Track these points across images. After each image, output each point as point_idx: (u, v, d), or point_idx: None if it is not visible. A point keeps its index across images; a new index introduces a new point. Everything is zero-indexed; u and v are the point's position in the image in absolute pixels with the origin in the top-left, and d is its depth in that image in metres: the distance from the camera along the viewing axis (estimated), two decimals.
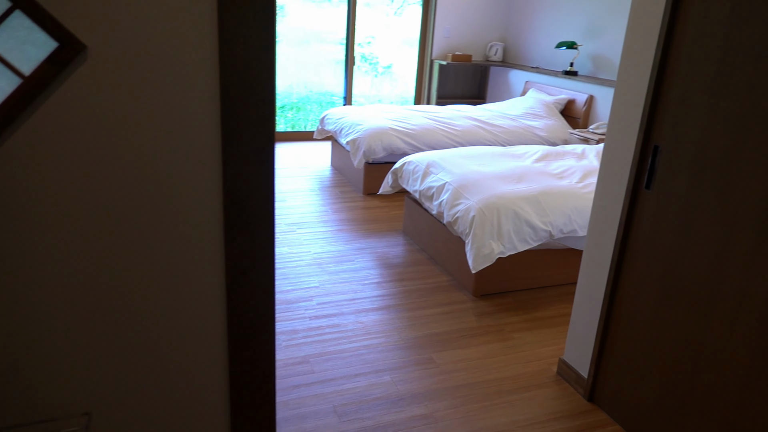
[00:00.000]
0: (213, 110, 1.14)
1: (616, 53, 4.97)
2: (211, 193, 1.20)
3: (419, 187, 3.36)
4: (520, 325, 2.77)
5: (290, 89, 7.08)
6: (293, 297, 2.91)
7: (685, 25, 1.75)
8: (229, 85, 1.12)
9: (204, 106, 1.13)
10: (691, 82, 1.73)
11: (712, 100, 1.67)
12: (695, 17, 1.71)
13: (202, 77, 1.12)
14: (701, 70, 1.70)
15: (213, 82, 1.13)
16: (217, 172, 1.18)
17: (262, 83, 1.16)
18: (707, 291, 1.71)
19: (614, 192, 2.06)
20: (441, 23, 6.37)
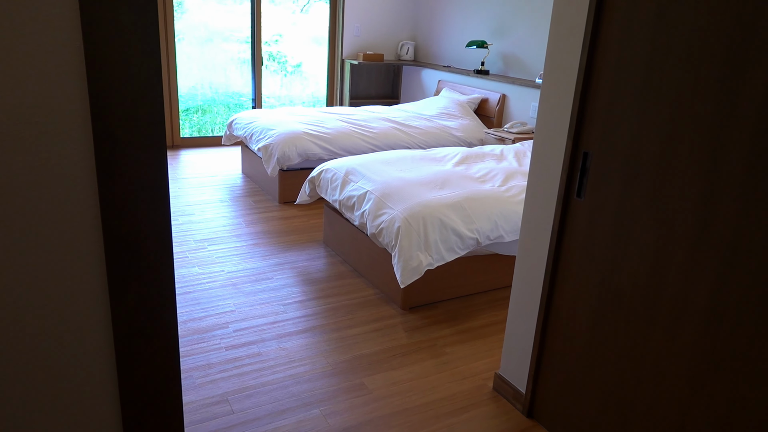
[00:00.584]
0: (82, 140, 0.90)
1: (525, 52, 5.03)
2: (88, 238, 0.96)
3: (339, 197, 3.18)
4: (452, 338, 2.66)
5: (194, 91, 6.65)
6: (206, 325, 2.64)
7: (610, 27, 1.69)
8: (102, 108, 0.89)
9: (72, 139, 0.90)
10: (619, 86, 1.68)
11: (642, 105, 1.61)
12: (620, 20, 1.65)
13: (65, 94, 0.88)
14: (629, 74, 1.64)
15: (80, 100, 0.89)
16: (93, 212, 0.95)
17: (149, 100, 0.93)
18: (646, 300, 1.66)
19: (545, 200, 1.99)
20: (350, 21, 6.21)
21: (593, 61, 1.75)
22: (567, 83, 1.86)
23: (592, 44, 1.74)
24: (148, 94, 0.91)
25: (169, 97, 5.69)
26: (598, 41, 1.73)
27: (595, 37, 1.74)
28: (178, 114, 5.77)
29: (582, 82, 1.78)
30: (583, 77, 1.78)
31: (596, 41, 1.74)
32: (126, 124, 0.92)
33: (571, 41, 1.83)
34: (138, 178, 0.94)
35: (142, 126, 0.93)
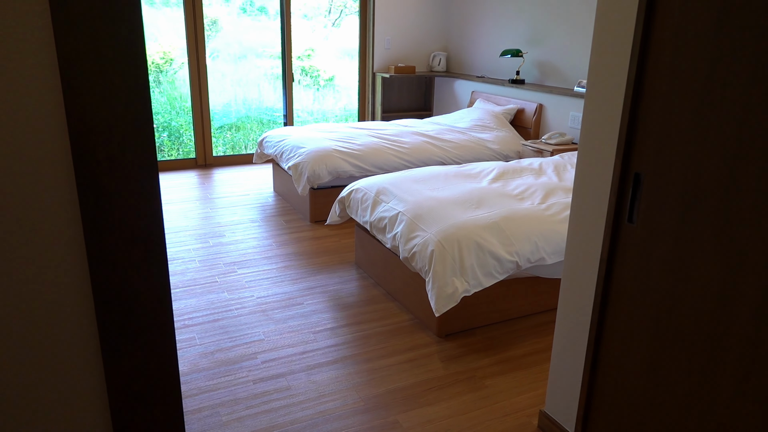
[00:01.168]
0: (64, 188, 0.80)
1: (562, 60, 4.83)
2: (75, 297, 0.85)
3: (370, 218, 3.05)
4: (492, 368, 2.49)
5: (228, 108, 6.67)
6: (234, 356, 2.54)
7: (662, 35, 1.52)
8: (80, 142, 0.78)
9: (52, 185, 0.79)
10: (675, 100, 1.50)
11: (702, 121, 1.44)
12: (673, 27, 1.48)
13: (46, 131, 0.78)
14: (686, 87, 1.47)
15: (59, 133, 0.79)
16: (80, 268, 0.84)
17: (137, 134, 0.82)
18: (711, 340, 1.47)
19: (592, 225, 1.82)
20: (381, 35, 6.12)
21: (643, 72, 1.59)
22: (614, 98, 1.69)
23: (642, 54, 1.58)
24: (137, 136, 0.80)
25: (201, 116, 5.70)
26: (649, 51, 1.56)
27: (644, 47, 1.57)
28: (210, 133, 5.78)
29: (631, 96, 1.61)
30: (633, 91, 1.61)
31: (646, 51, 1.57)
32: (112, 169, 0.81)
33: (618, 52, 1.66)
34: (128, 229, 0.83)
35: (131, 170, 0.82)
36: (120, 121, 0.80)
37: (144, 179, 0.85)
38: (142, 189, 0.85)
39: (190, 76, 5.57)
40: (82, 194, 0.82)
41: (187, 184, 5.14)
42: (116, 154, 0.81)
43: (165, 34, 6.14)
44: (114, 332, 0.89)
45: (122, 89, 0.80)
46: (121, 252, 0.85)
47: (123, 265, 0.86)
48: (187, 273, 3.34)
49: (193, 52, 5.51)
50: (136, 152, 0.83)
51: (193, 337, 2.68)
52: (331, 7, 7.22)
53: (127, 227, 0.85)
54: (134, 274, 0.87)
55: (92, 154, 0.80)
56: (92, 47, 0.76)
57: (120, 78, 0.79)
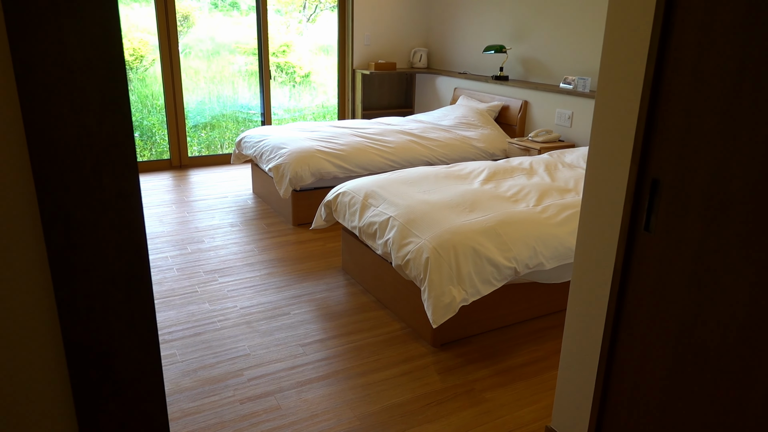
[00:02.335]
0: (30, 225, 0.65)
1: (546, 55, 4.75)
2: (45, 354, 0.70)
3: (359, 223, 2.92)
4: (491, 380, 2.39)
5: (202, 106, 6.45)
6: (219, 373, 2.39)
7: (683, 30, 1.41)
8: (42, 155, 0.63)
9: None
10: (699, 100, 1.40)
11: (730, 123, 1.34)
12: (697, 21, 1.37)
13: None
14: (712, 86, 1.37)
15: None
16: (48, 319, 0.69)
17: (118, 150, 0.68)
18: (740, 360, 1.38)
19: (603, 234, 1.71)
20: (360, 30, 5.96)
21: (662, 72, 1.48)
22: (628, 99, 1.59)
23: (661, 53, 1.47)
24: (114, 165, 0.66)
25: (175, 114, 5.48)
26: (668, 49, 1.46)
27: (663, 45, 1.47)
28: (185, 133, 5.56)
29: (649, 97, 1.50)
30: (650, 91, 1.50)
31: (665, 49, 1.46)
32: (84, 196, 0.66)
33: (633, 50, 1.55)
34: (104, 268, 0.69)
35: (107, 197, 0.68)
36: (93, 139, 0.65)
37: (123, 208, 0.71)
38: (121, 219, 0.70)
39: (162, 73, 5.35)
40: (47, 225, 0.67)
41: (162, 187, 4.93)
42: (89, 179, 0.67)
43: (135, 30, 5.90)
44: (89, 393, 0.74)
45: (95, 100, 0.65)
46: (97, 296, 0.71)
47: (99, 312, 0.71)
48: (164, 283, 3.17)
49: (165, 49, 5.29)
50: (114, 175, 0.68)
51: (174, 353, 2.52)
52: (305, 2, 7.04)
53: (104, 265, 0.70)
54: (113, 322, 0.72)
55: (60, 179, 0.66)
56: (56, 49, 0.61)
57: (93, 87, 0.64)
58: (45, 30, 0.61)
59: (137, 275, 0.73)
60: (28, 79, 0.61)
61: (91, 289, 0.70)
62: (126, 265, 0.72)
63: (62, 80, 0.63)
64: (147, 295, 0.75)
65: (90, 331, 0.71)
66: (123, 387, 0.75)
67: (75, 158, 0.65)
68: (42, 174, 0.65)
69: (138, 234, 0.73)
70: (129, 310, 0.73)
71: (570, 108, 4.45)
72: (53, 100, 0.63)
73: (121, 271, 0.71)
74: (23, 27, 0.60)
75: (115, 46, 0.65)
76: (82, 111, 0.64)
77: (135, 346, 0.74)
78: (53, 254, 0.67)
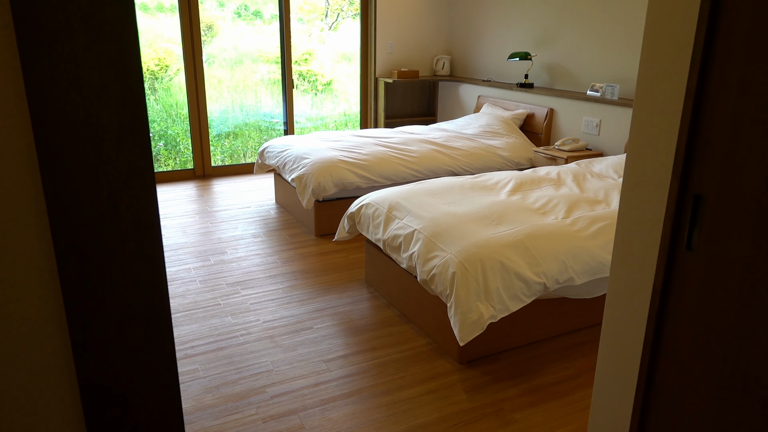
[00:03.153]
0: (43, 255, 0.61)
1: (572, 62, 4.66)
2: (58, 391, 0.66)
3: (383, 236, 2.86)
4: (521, 399, 2.31)
5: (225, 115, 6.49)
6: (241, 390, 2.35)
7: (728, 40, 1.33)
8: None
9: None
10: (746, 114, 1.32)
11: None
12: (743, 30, 1.30)
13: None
14: (760, 99, 1.28)
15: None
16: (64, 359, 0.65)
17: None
18: None
19: (642, 253, 1.63)
20: (383, 38, 5.94)
21: (705, 82, 1.40)
22: (669, 111, 1.51)
23: (705, 62, 1.39)
24: (132, 194, 0.61)
25: (198, 124, 5.51)
26: (713, 58, 1.38)
27: (707, 54, 1.39)
28: (208, 142, 5.59)
29: (691, 109, 1.43)
30: (692, 104, 1.42)
31: (709, 58, 1.39)
32: (99, 234, 0.62)
33: (674, 58, 1.48)
34: (121, 309, 0.64)
35: (124, 231, 0.63)
36: (110, 167, 0.61)
37: (142, 239, 0.66)
38: (139, 251, 0.66)
39: (186, 83, 5.38)
40: (61, 259, 0.63)
41: (185, 197, 4.94)
42: (106, 209, 0.62)
43: (160, 40, 5.96)
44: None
45: (111, 126, 0.61)
46: (113, 333, 0.66)
47: (116, 350, 0.67)
48: (187, 295, 3.15)
49: (189, 58, 5.32)
50: (132, 205, 0.64)
51: (197, 368, 2.49)
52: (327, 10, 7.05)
53: (121, 301, 0.66)
54: (131, 361, 0.67)
55: (75, 210, 0.61)
56: (70, 72, 0.57)
57: (109, 112, 0.60)
58: (59, 51, 0.57)
59: (156, 310, 0.69)
60: (41, 104, 0.57)
61: (107, 325, 0.65)
62: (144, 300, 0.67)
63: (77, 105, 0.59)
64: (166, 331, 0.71)
65: (106, 370, 0.67)
66: (141, 429, 0.71)
67: (91, 187, 0.61)
68: (56, 205, 0.61)
69: (157, 266, 0.68)
70: (147, 348, 0.68)
71: (598, 116, 4.35)
72: (67, 126, 0.59)
73: (139, 307, 0.67)
74: (36, 48, 0.56)
75: (133, 68, 0.60)
76: (98, 137, 0.60)
77: (153, 385, 0.70)
78: (67, 289, 0.63)
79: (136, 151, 0.63)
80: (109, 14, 0.59)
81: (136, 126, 0.64)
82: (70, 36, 0.58)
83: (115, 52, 0.60)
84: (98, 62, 0.59)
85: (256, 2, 6.73)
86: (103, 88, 0.60)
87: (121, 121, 0.62)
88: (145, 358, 0.69)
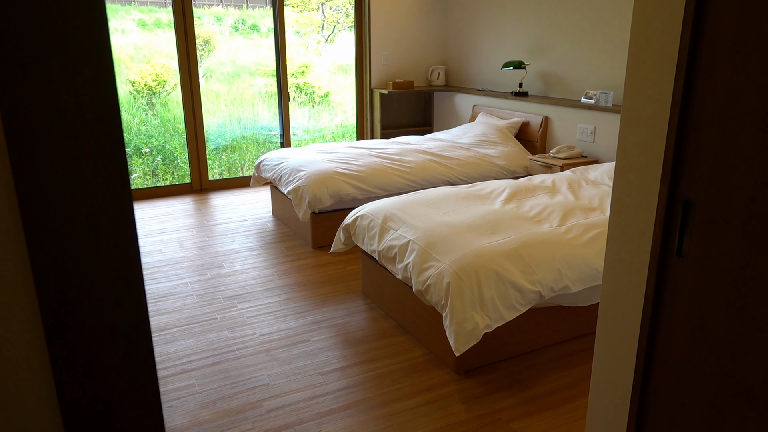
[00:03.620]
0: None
1: (566, 70, 4.68)
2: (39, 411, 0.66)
3: (378, 247, 2.86)
4: (519, 409, 2.29)
5: (223, 128, 6.51)
6: (238, 404, 2.34)
7: (714, 47, 1.34)
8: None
9: None
10: (732, 120, 1.33)
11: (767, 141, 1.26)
12: (730, 36, 1.31)
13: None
14: (748, 105, 1.29)
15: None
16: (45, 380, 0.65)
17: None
18: None
19: (633, 259, 1.63)
20: (377, 50, 5.97)
21: (692, 88, 1.41)
22: (656, 118, 1.52)
23: (690, 68, 1.40)
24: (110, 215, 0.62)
25: (195, 138, 5.52)
26: (699, 64, 1.39)
27: (692, 60, 1.40)
28: (205, 156, 5.60)
29: (678, 116, 1.43)
30: (679, 110, 1.43)
31: (695, 64, 1.40)
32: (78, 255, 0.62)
33: (660, 64, 1.49)
34: (101, 329, 0.64)
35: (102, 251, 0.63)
36: (87, 188, 0.61)
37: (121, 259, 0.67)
38: (118, 271, 0.66)
39: (183, 98, 5.40)
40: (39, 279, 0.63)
41: (182, 211, 4.95)
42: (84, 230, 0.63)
43: (158, 55, 5.99)
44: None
45: (88, 146, 0.61)
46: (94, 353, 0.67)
47: (97, 370, 0.67)
48: (184, 310, 3.14)
49: (185, 73, 5.35)
50: (110, 226, 0.65)
51: (193, 383, 2.48)
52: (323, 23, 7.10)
53: (101, 321, 0.66)
54: (112, 380, 0.68)
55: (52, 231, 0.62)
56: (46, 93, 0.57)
57: (86, 132, 0.60)
58: (33, 72, 0.57)
59: (137, 330, 0.69)
60: (16, 125, 0.58)
61: (87, 345, 0.65)
62: (125, 320, 0.67)
63: (53, 125, 0.59)
64: (148, 350, 0.71)
65: (87, 389, 0.67)
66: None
67: (68, 208, 0.61)
68: (33, 226, 0.61)
69: (137, 286, 0.68)
70: (129, 367, 0.68)
71: (592, 123, 4.36)
72: (43, 147, 0.59)
73: (120, 326, 0.67)
74: (10, 69, 0.56)
75: (109, 89, 0.61)
76: (75, 158, 0.61)
77: (136, 404, 0.70)
78: (46, 310, 0.63)
79: (113, 171, 0.63)
80: (84, 37, 0.59)
81: (112, 146, 0.64)
82: (45, 58, 0.58)
83: (91, 74, 0.61)
84: (74, 84, 0.60)
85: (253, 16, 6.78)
86: (78, 109, 0.60)
87: (97, 142, 0.62)
88: (127, 377, 0.69)
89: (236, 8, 6.72)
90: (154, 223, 4.62)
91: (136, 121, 6.03)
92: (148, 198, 5.38)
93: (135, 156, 5.91)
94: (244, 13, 6.71)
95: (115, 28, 5.97)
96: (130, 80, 5.92)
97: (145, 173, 5.92)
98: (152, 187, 5.49)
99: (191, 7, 5.20)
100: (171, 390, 2.43)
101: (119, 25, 5.98)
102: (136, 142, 5.94)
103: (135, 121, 6.03)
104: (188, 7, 5.18)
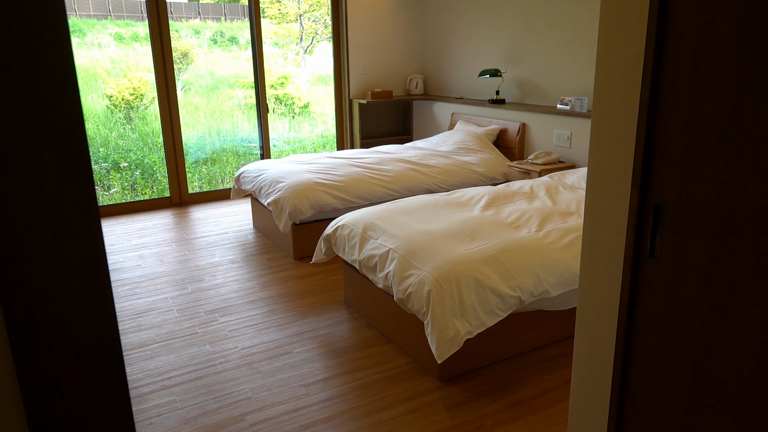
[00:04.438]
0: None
1: (542, 77, 4.75)
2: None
3: (358, 257, 2.87)
4: (501, 415, 2.30)
5: (203, 141, 6.48)
6: (220, 419, 2.32)
7: (677, 53, 1.38)
8: None
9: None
10: (698, 123, 1.36)
11: (732, 145, 1.29)
12: (691, 46, 1.34)
13: None
14: (711, 110, 1.33)
15: None
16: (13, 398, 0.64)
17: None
18: (760, 392, 1.31)
19: (607, 263, 1.66)
20: (355, 60, 6.00)
21: (658, 94, 1.44)
22: (625, 123, 1.55)
23: (655, 76, 1.44)
24: (77, 232, 0.61)
25: (174, 152, 5.48)
26: (663, 71, 1.42)
27: (657, 68, 1.43)
28: (184, 169, 5.56)
29: (646, 121, 1.47)
30: (647, 115, 1.46)
31: (660, 72, 1.43)
32: (44, 272, 0.62)
33: (627, 71, 1.52)
34: (70, 346, 0.64)
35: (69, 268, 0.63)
36: (54, 205, 0.61)
37: (89, 276, 0.67)
38: (86, 288, 0.66)
39: (160, 111, 5.37)
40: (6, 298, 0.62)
41: (162, 225, 4.90)
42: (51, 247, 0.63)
43: (135, 69, 5.96)
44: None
45: (54, 164, 0.61)
46: (63, 371, 0.66)
47: (66, 388, 0.67)
48: (164, 325, 3.11)
49: (162, 87, 5.32)
50: (77, 242, 0.64)
51: (174, 399, 2.45)
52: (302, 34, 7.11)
53: (70, 338, 0.66)
54: (83, 398, 0.67)
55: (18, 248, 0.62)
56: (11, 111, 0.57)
57: (51, 150, 0.60)
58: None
59: (107, 346, 0.68)
60: None
61: (56, 364, 0.65)
62: (94, 337, 0.67)
63: (18, 143, 0.59)
64: (118, 367, 0.70)
65: (57, 408, 0.66)
66: None
67: (34, 225, 0.61)
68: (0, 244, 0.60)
69: (106, 302, 0.68)
70: (99, 384, 0.68)
71: (568, 129, 4.43)
72: (8, 164, 0.59)
73: (89, 344, 0.67)
74: None
75: (73, 107, 0.61)
76: (40, 176, 0.61)
77: (107, 422, 0.69)
78: (13, 328, 0.62)
79: (79, 188, 0.63)
80: (47, 56, 0.59)
81: (78, 163, 0.64)
82: (8, 78, 0.58)
83: (55, 92, 0.61)
84: (38, 102, 0.60)
85: (231, 28, 6.77)
86: (43, 127, 0.60)
87: (63, 159, 0.62)
88: (97, 396, 0.68)
89: (214, 21, 6.72)
90: (133, 238, 4.57)
91: (114, 136, 5.97)
92: (127, 213, 5.32)
93: (113, 171, 5.85)
94: (222, 26, 6.71)
95: (92, 42, 5.92)
96: (107, 95, 5.87)
97: (124, 188, 5.86)
98: (131, 202, 5.43)
99: (167, 20, 5.18)
100: (151, 407, 2.40)
101: (96, 40, 5.94)
102: (114, 156, 5.88)
103: (113, 136, 5.98)
104: (164, 20, 5.16)
